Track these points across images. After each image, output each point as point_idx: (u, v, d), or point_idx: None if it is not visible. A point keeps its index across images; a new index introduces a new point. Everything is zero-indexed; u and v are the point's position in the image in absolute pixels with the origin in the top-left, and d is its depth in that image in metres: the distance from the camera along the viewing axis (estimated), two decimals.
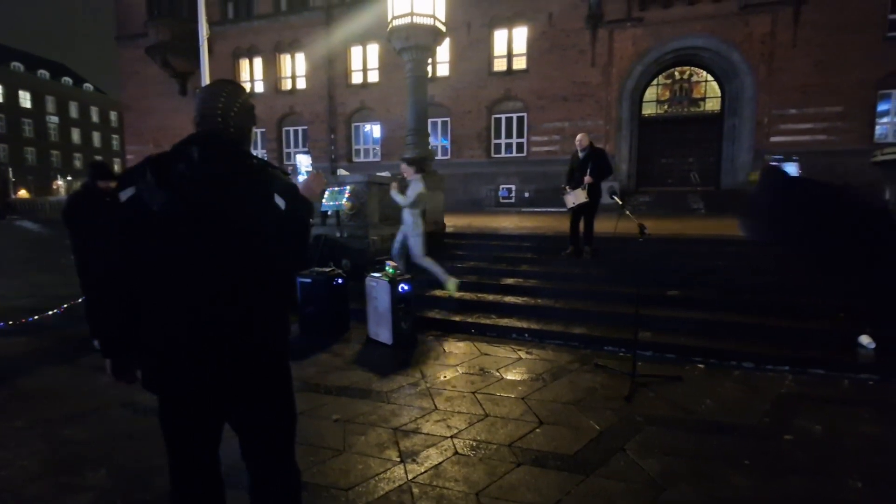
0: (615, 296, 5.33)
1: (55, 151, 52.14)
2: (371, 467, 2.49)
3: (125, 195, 1.26)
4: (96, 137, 56.75)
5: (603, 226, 6.29)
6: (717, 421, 3.06)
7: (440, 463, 2.53)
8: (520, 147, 17.50)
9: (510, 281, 6.03)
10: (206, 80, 7.90)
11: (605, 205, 6.46)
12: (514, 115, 17.43)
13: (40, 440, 2.81)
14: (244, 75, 21.25)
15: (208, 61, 7.92)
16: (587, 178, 5.95)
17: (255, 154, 1.49)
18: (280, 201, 1.32)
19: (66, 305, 5.95)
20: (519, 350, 4.46)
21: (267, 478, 1.46)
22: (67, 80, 54.85)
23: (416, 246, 5.63)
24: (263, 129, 21.32)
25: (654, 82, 16.29)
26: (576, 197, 6.03)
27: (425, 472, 2.44)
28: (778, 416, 3.15)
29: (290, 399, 1.51)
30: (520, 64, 17.07)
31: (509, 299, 5.57)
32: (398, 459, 2.56)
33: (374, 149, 19.81)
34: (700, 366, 4.07)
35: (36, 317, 5.62)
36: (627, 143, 16.23)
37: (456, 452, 2.63)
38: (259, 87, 21.12)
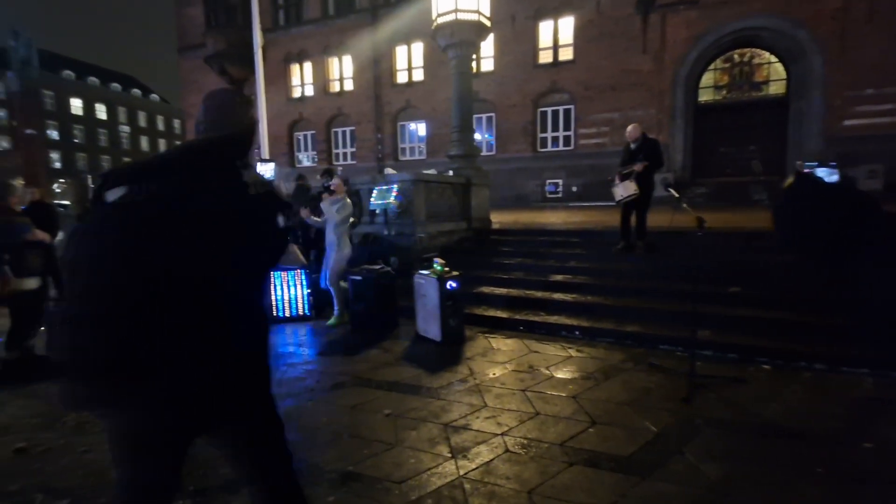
0: (670, 292, 5.12)
1: (127, 159, 56.38)
2: (423, 462, 2.53)
3: (114, 195, 1.13)
4: (162, 144, 60.83)
5: (656, 220, 6.06)
6: (786, 425, 2.87)
7: (491, 460, 2.53)
8: (567, 140, 17.11)
9: (559, 278, 5.92)
10: (261, 86, 8.27)
11: (658, 198, 6.21)
12: (561, 108, 17.05)
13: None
14: (295, 80, 22.05)
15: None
16: (637, 167, 5.72)
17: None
18: (281, 219, 1.36)
19: None
20: (569, 348, 4.38)
21: (278, 486, 1.43)
22: (137, 91, 59.10)
23: (337, 267, 5.34)
24: (313, 132, 22.06)
25: (711, 67, 15.41)
26: (625, 189, 5.81)
27: (476, 468, 2.46)
28: (855, 421, 2.92)
29: (276, 407, 1.48)
30: (566, 55, 16.66)
31: (558, 296, 5.48)
32: (449, 455, 2.59)
33: (419, 147, 20.00)
34: (765, 367, 3.83)
35: None
36: (682, 132, 15.47)
37: (507, 450, 2.63)
38: (309, 91, 21.85)
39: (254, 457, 1.39)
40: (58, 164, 49.18)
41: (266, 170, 9.21)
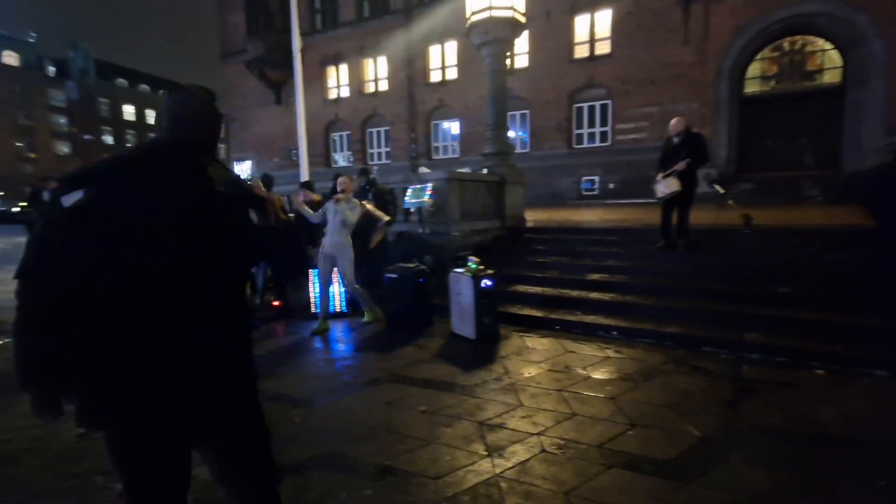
0: (714, 292, 4.93)
1: None
2: (458, 459, 2.55)
3: (72, 199, 1.09)
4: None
5: (698, 217, 5.84)
6: (842, 434, 2.71)
7: (527, 460, 2.52)
8: (603, 136, 16.71)
9: (595, 276, 5.80)
10: (299, 88, 8.49)
11: (700, 194, 5.98)
12: (598, 103, 16.66)
13: None
14: (331, 81, 22.51)
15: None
16: (680, 164, 5.53)
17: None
18: (253, 215, 1.34)
19: None
20: (606, 348, 4.29)
21: (255, 498, 1.42)
22: None
23: (350, 272, 5.21)
24: (349, 132, 22.47)
25: (759, 57, 14.66)
26: (667, 186, 5.62)
27: (512, 467, 2.45)
28: None
29: (262, 413, 1.46)
30: (603, 49, 16.26)
31: (595, 295, 5.37)
32: (485, 453, 2.59)
33: (452, 145, 20.02)
34: (819, 372, 3.63)
35: None
36: (726, 125, 14.80)
37: (543, 450, 2.61)
38: (344, 92, 22.26)
39: (235, 464, 1.37)
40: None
41: (242, 168, 9.47)
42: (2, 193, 41.10)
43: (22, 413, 3.24)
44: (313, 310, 5.80)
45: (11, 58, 46.64)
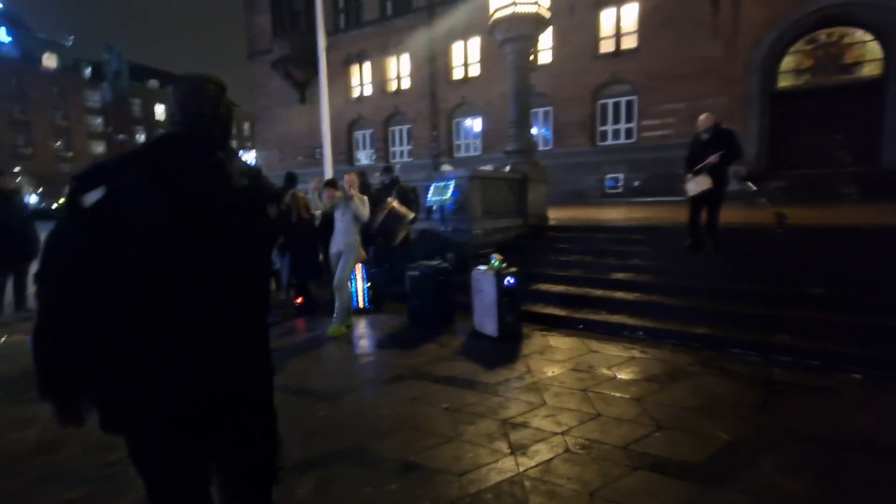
0: (744, 293, 4.80)
1: None
2: (481, 456, 2.55)
3: (94, 197, 1.05)
4: (233, 146, 64.90)
5: (728, 215, 5.69)
6: (881, 441, 2.61)
7: (551, 459, 2.50)
8: (628, 133, 16.41)
9: (620, 276, 5.71)
10: (324, 88, 8.59)
11: (728, 192, 5.81)
12: (623, 100, 16.36)
13: None
14: (354, 80, 22.71)
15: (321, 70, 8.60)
16: (712, 159, 5.37)
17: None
18: (272, 210, 1.31)
19: None
20: (631, 348, 4.23)
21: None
22: None
23: (349, 268, 5.08)
24: (371, 130, 22.65)
25: (792, 50, 14.15)
26: (698, 184, 5.48)
27: (536, 466, 2.44)
28: None
29: (273, 419, 1.43)
30: (629, 43, 15.96)
31: (619, 295, 5.29)
32: (508, 451, 2.59)
33: (474, 143, 19.97)
34: (856, 376, 3.50)
35: None
36: (757, 121, 14.35)
37: (567, 450, 2.59)
38: (367, 91, 22.43)
39: (234, 467, 1.33)
40: None
41: (248, 158, 9.55)
42: (40, 190, 42.88)
43: None
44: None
45: (51, 60, 48.56)
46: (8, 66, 44.04)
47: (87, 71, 51.88)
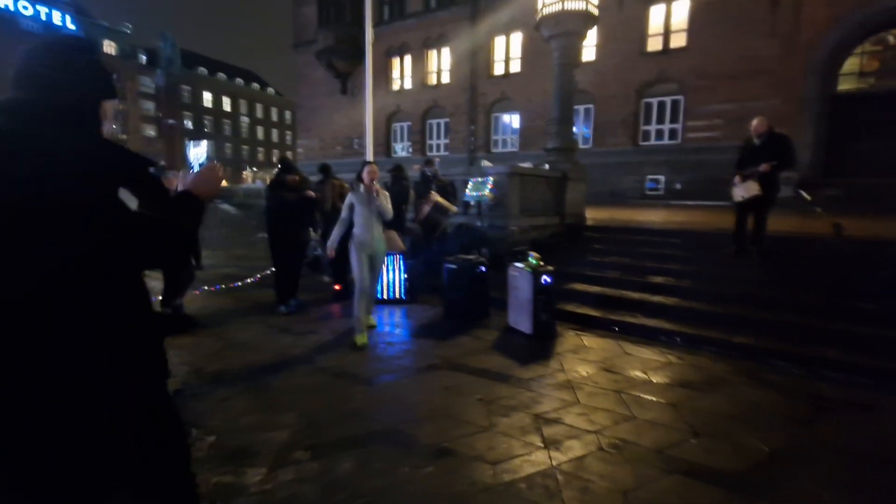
0: (790, 304, 4.64)
1: (245, 146, 62.70)
2: (514, 448, 2.61)
3: None
4: (274, 134, 66.68)
5: (778, 224, 5.50)
6: None
7: (584, 456, 2.53)
8: (672, 133, 15.93)
9: (658, 279, 5.62)
10: (369, 80, 8.75)
11: (778, 200, 5.60)
12: (668, 99, 15.88)
13: (249, 382, 3.51)
14: (395, 73, 22.93)
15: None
16: (763, 166, 5.20)
17: (105, 137, 1.16)
18: (129, 197, 1.03)
19: (259, 275, 7.21)
20: (668, 354, 4.17)
21: None
22: (256, 85, 65.21)
23: (381, 269, 4.67)
24: (409, 123, 22.83)
25: (857, 51, 13.36)
26: (746, 189, 5.32)
27: (569, 461, 2.48)
28: None
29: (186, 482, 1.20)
30: (678, 41, 15.44)
31: (657, 299, 5.21)
32: (541, 445, 2.63)
33: (512, 139, 19.84)
34: None
35: (238, 283, 6.93)
36: (812, 126, 13.64)
37: (600, 448, 2.61)
38: (407, 84, 22.62)
39: None
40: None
41: (199, 152, 9.71)
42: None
43: None
44: (385, 295, 6.00)
45: (110, 47, 51.07)
46: None
47: (143, 58, 54.34)
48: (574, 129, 8.75)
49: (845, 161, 13.66)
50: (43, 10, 44.81)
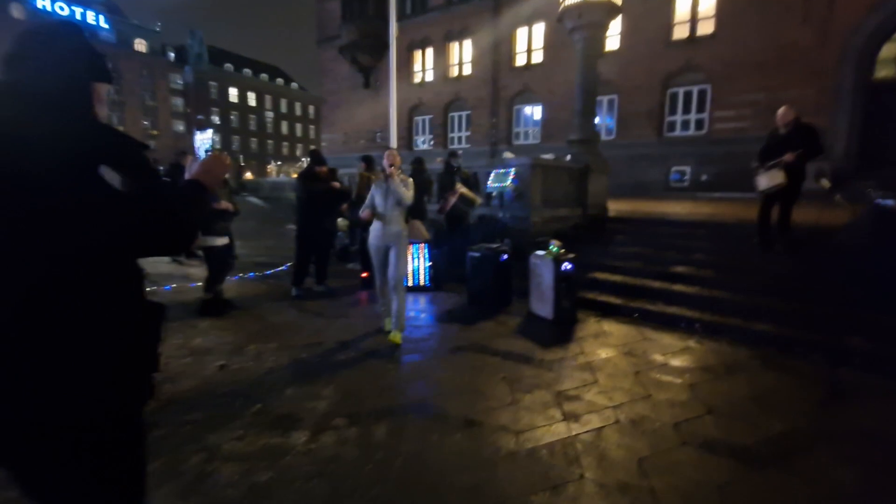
0: (813, 293, 4.65)
1: (270, 141, 63.92)
2: (536, 420, 2.78)
3: None
4: (298, 128, 67.75)
5: (801, 215, 5.47)
6: None
7: (601, 427, 2.69)
8: (699, 124, 15.65)
9: (680, 269, 5.67)
10: (393, 73, 8.94)
11: (808, 191, 5.56)
12: (695, 88, 15.59)
13: (288, 359, 3.77)
14: (416, 66, 23.07)
15: (385, 56, 8.93)
16: (787, 156, 5.19)
17: (99, 120, 1.14)
18: (111, 175, 0.98)
19: (289, 264, 7.54)
20: (687, 339, 4.27)
21: None
22: (280, 80, 66.28)
23: (404, 266, 4.24)
24: (431, 116, 22.99)
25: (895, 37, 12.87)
26: (771, 178, 5.31)
27: (587, 432, 2.64)
28: None
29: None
30: (705, 29, 15.13)
31: (678, 288, 5.27)
32: (561, 418, 2.80)
33: (534, 131, 19.79)
34: None
35: (270, 271, 7.26)
36: (847, 115, 13.22)
37: (617, 421, 2.77)
38: (429, 77, 22.75)
39: None
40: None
41: (203, 138, 9.97)
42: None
43: (174, 344, 3.96)
44: (410, 282, 6.21)
45: (141, 45, 52.65)
46: (105, 51, 48.28)
47: (171, 55, 55.87)
48: (597, 120, 8.77)
49: (883, 152, 13.22)
50: (78, 10, 46.50)
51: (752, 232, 5.82)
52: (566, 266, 4.69)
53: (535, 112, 19.65)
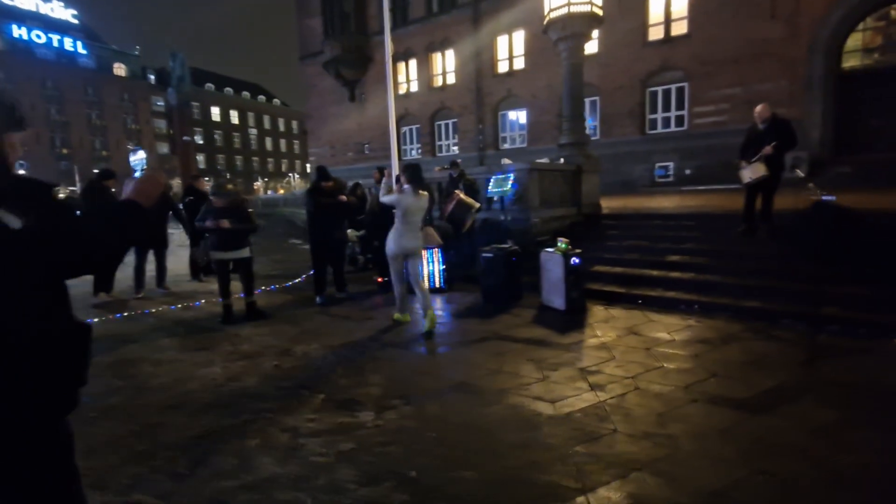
0: (795, 272, 5.16)
1: (255, 158, 63.97)
2: (567, 391, 3.21)
3: None
4: (283, 144, 67.92)
5: (781, 202, 6.00)
6: None
7: (624, 394, 3.13)
8: (679, 120, 16.34)
9: (675, 258, 6.16)
10: (390, 86, 9.38)
11: (788, 179, 6.09)
12: (673, 86, 16.28)
13: (333, 356, 4.14)
14: (401, 77, 23.53)
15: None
16: (766, 149, 5.71)
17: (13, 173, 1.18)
18: (11, 219, 1.01)
19: (304, 276, 7.89)
20: (688, 319, 4.74)
21: None
22: (262, 97, 66.44)
23: (422, 265, 4.89)
24: (418, 125, 23.46)
25: (860, 28, 13.64)
26: (753, 171, 5.83)
27: (612, 398, 3.08)
28: None
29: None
30: (679, 29, 15.85)
31: (675, 275, 5.76)
32: (588, 388, 3.24)
33: (520, 135, 20.36)
34: None
35: (290, 283, 7.62)
36: (820, 104, 13.92)
37: (636, 388, 3.21)
38: (414, 87, 23.23)
39: None
40: (202, 166, 57.39)
41: (137, 158, 10.52)
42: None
43: (226, 351, 4.32)
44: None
45: (121, 69, 52.58)
46: (84, 76, 48.10)
47: (152, 77, 55.80)
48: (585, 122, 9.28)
49: (855, 138, 13.90)
50: (55, 37, 46.33)
51: (738, 220, 6.34)
52: (574, 260, 5.14)
53: (520, 116, 20.22)
